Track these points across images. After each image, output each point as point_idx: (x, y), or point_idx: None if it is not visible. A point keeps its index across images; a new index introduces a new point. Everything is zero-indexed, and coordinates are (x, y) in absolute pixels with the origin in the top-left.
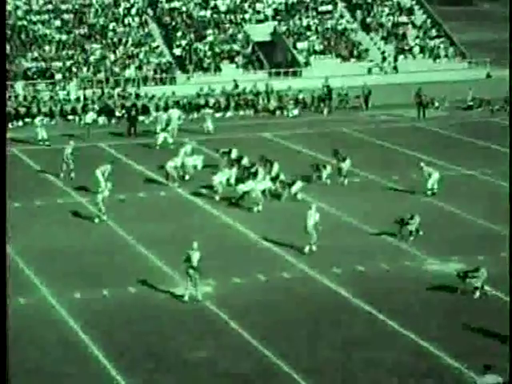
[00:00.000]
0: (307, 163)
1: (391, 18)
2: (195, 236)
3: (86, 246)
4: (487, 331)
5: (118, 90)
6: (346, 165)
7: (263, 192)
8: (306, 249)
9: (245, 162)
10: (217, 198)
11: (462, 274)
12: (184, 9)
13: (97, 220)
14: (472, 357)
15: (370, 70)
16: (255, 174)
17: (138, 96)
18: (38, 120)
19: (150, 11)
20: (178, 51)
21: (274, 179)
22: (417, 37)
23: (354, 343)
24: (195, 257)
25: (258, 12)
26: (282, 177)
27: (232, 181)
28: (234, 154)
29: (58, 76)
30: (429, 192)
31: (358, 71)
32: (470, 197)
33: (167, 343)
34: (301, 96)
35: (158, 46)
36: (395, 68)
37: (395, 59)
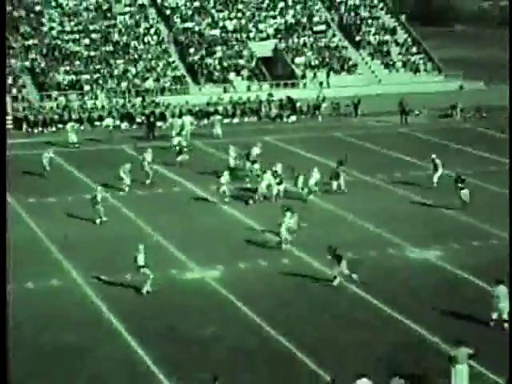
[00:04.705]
0: (305, 163)
1: (377, 36)
2: (205, 229)
3: (112, 235)
4: (470, 316)
5: (138, 99)
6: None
7: (268, 187)
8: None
9: (277, 168)
10: (223, 191)
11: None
12: (196, 28)
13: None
14: (444, 330)
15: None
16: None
17: (156, 104)
18: (69, 126)
19: (165, 31)
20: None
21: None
22: (399, 53)
23: (347, 324)
24: (140, 258)
25: (261, 31)
26: (276, 180)
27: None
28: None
29: (87, 87)
30: (435, 184)
31: (347, 83)
32: (449, 194)
33: (181, 321)
34: (298, 104)
35: (173, 61)
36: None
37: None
